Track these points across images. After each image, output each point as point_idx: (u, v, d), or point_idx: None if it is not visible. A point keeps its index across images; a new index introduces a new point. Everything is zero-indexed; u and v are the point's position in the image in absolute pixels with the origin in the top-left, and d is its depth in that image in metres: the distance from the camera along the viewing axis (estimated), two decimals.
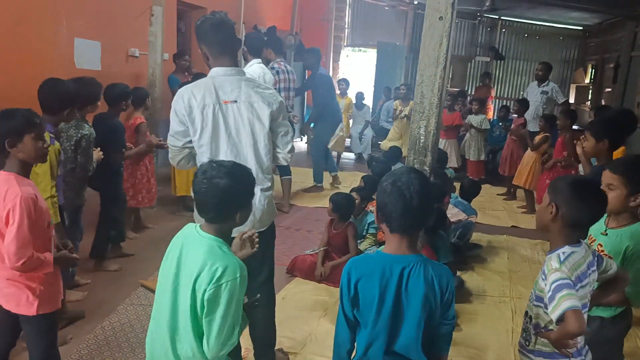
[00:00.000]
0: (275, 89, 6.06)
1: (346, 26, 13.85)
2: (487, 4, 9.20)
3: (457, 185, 5.82)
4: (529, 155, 6.96)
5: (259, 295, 2.22)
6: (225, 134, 2.55)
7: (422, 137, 2.27)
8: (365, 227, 4.90)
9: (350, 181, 7.84)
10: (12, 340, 2.63)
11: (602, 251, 2.37)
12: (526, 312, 2.19)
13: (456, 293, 4.41)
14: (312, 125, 7.87)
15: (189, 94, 2.52)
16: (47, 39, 5.53)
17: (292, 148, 2.78)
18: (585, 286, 1.99)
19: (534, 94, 8.22)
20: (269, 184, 2.70)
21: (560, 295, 1.84)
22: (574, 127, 6.50)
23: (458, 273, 4.55)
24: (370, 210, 5.05)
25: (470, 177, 7.75)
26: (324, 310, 3.89)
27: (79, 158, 3.64)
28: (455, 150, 8.69)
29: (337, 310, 3.85)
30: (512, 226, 6.41)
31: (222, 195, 1.84)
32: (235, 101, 2.54)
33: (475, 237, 5.77)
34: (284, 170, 6.46)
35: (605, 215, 2.38)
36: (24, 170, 2.37)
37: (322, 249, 4.59)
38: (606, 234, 2.40)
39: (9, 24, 5.01)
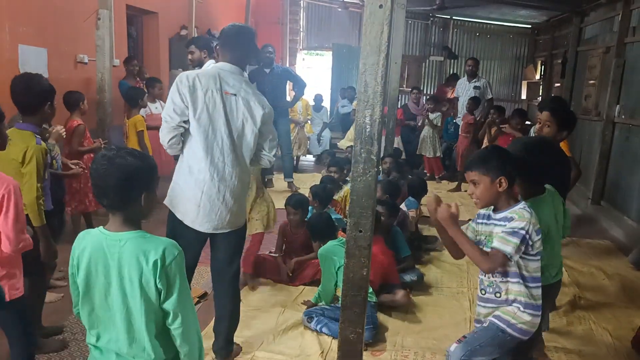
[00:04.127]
0: None
1: (301, 29, 13.85)
2: (437, 3, 9.34)
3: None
4: None
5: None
6: (224, 118, 2.68)
7: (367, 127, 2.27)
8: None
9: (310, 182, 7.79)
10: None
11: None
12: None
13: (416, 286, 4.45)
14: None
15: (194, 75, 2.67)
16: None
17: (276, 153, 2.93)
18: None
19: (465, 89, 8.43)
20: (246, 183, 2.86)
21: (510, 238, 2.21)
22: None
23: (417, 266, 4.59)
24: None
25: (416, 177, 7.74)
26: (282, 308, 3.87)
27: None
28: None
29: (295, 307, 3.85)
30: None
31: (127, 174, 1.71)
32: (235, 94, 2.71)
33: (434, 231, 5.81)
34: None
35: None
36: None
37: (279, 255, 4.55)
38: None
39: None
